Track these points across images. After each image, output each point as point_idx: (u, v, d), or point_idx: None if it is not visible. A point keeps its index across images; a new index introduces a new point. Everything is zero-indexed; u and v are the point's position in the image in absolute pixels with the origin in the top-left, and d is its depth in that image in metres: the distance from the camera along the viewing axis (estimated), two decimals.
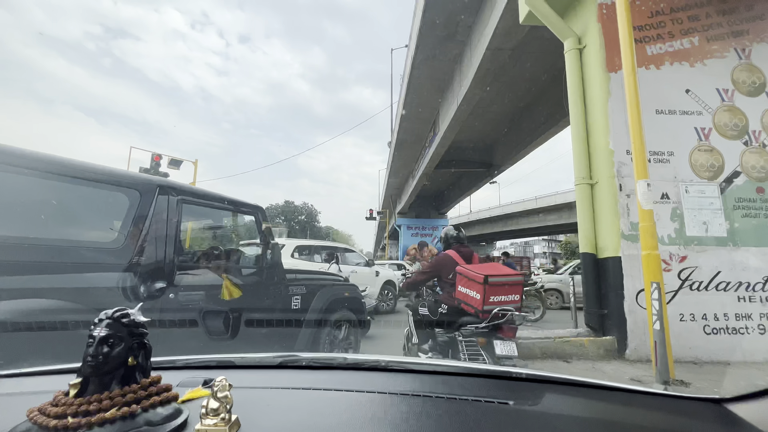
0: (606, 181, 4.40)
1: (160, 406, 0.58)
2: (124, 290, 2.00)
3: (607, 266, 4.33)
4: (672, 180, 4.39)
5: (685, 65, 4.64)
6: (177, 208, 2.31)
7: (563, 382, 0.82)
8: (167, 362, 0.95)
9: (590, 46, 4.72)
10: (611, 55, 4.49)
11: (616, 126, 4.36)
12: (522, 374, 0.86)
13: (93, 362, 0.55)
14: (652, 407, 0.73)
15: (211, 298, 2.43)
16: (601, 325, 4.30)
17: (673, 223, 4.29)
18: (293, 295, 3.05)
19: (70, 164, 2.03)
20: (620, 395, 0.79)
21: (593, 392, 0.81)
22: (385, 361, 0.95)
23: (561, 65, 5.20)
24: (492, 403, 0.70)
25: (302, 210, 49.69)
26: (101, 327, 0.57)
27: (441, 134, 13.60)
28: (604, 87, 4.49)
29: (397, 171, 22.77)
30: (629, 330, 4.01)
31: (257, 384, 0.81)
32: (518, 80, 11.78)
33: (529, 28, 7.00)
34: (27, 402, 0.57)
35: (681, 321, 3.99)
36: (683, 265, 4.17)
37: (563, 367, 3.79)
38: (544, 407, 0.69)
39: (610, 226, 4.31)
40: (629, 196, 4.26)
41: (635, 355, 3.94)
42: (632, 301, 4.05)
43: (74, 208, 2.18)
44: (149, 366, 0.62)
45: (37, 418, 0.52)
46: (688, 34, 4.71)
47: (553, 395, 0.76)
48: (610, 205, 4.33)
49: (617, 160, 4.35)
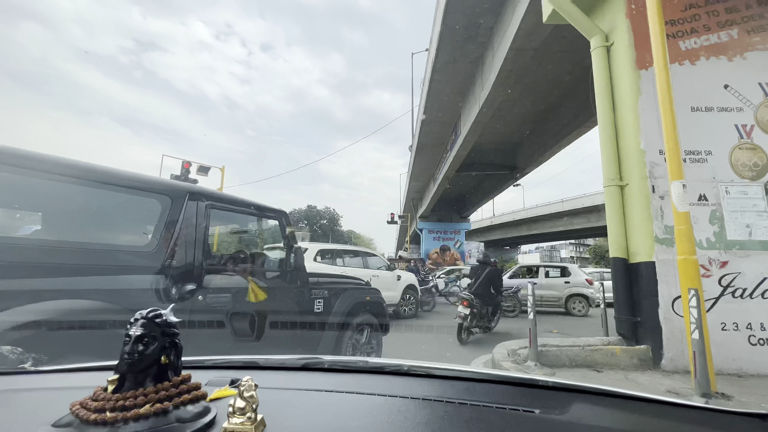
0: (637, 183, 4.21)
1: (190, 404, 0.60)
2: (157, 292, 2.09)
3: (639, 271, 4.13)
4: (710, 180, 4.15)
5: (722, 60, 4.40)
6: (205, 213, 2.40)
7: (593, 392, 0.79)
8: (196, 362, 0.98)
9: (618, 44, 4.56)
10: (641, 52, 4.31)
11: (647, 125, 4.18)
12: (549, 382, 0.83)
13: (129, 360, 0.58)
14: (691, 421, 0.69)
15: (238, 301, 2.49)
16: (633, 334, 4.10)
17: (713, 226, 4.05)
18: (316, 299, 3.08)
19: (108, 172, 2.15)
20: (656, 407, 0.74)
21: (626, 403, 0.76)
22: (407, 365, 0.94)
23: (587, 64, 5.04)
24: (517, 411, 0.68)
25: (324, 214, 50.36)
26: (137, 326, 0.60)
27: (462, 137, 13.47)
28: (634, 85, 4.31)
29: (418, 175, 22.70)
30: (665, 339, 3.80)
31: (281, 385, 0.82)
32: (542, 81, 11.52)
33: (552, 28, 6.84)
34: (69, 396, 0.60)
35: (723, 330, 3.75)
36: (724, 270, 3.92)
37: (593, 376, 3.63)
38: (573, 417, 0.67)
39: (643, 230, 4.12)
40: (663, 198, 4.06)
41: (672, 365, 3.73)
42: (668, 309, 3.85)
43: (112, 213, 2.31)
44: (180, 365, 0.64)
45: (79, 411, 0.55)
46: (726, 27, 4.46)
47: (582, 405, 0.73)
48: (643, 207, 4.14)
49: (649, 161, 4.16)
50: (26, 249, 1.86)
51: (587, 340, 4.19)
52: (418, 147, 18.22)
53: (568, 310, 9.94)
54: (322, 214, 50.22)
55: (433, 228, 28.86)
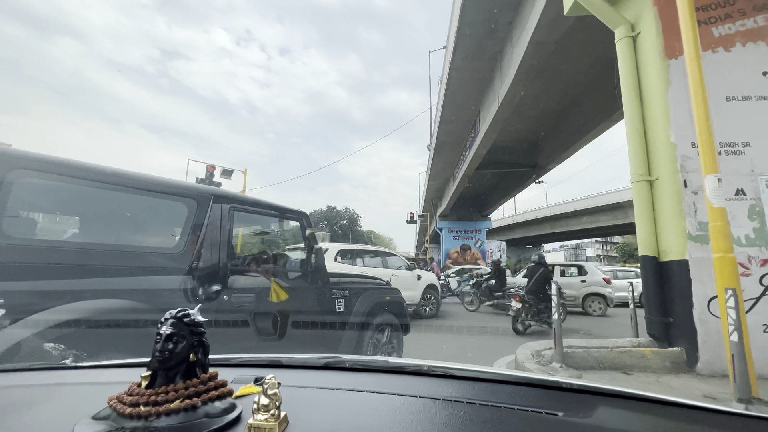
0: (668, 178, 4.03)
1: (217, 400, 0.62)
2: (185, 292, 2.17)
3: (671, 270, 3.95)
4: (748, 174, 3.92)
5: (761, 45, 4.14)
6: (229, 215, 2.47)
7: (620, 395, 0.76)
8: (222, 360, 1.01)
9: (645, 33, 4.37)
10: (670, 41, 4.12)
11: (678, 117, 3.99)
12: (573, 385, 0.81)
13: (160, 357, 0.61)
14: (729, 428, 0.66)
15: (261, 301, 2.56)
16: (666, 335, 3.92)
17: (752, 222, 3.82)
18: (337, 299, 3.12)
19: (138, 178, 2.25)
20: (690, 413, 0.70)
21: (657, 408, 0.73)
22: (427, 365, 0.94)
23: (611, 55, 4.86)
24: (539, 413, 0.67)
25: (344, 215, 50.78)
26: (167, 326, 0.63)
27: (482, 135, 13.26)
28: (663, 76, 4.12)
29: (437, 174, 22.53)
30: (700, 341, 3.62)
31: (303, 383, 0.84)
32: (563, 75, 11.19)
33: (574, 20, 6.64)
34: (107, 391, 0.64)
35: (765, 332, 3.53)
36: (766, 269, 3.69)
37: (622, 379, 3.50)
38: (598, 420, 0.65)
39: (674, 227, 3.93)
40: (696, 193, 3.86)
41: (708, 369, 3.55)
42: (703, 309, 3.66)
43: (142, 217, 2.42)
44: (207, 362, 0.67)
45: (116, 405, 0.59)
46: (764, 11, 4.20)
47: (609, 408, 0.70)
48: (674, 203, 3.95)
49: (680, 154, 3.97)
50: (66, 251, 1.98)
51: (616, 342, 4.04)
52: (437, 146, 18.07)
53: (585, 309, 9.75)
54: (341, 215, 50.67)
55: (453, 227, 28.54)
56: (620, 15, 4.60)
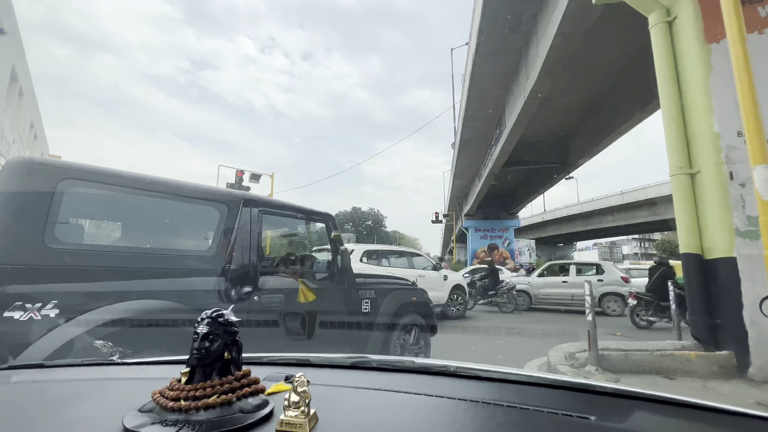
0: (712, 170, 3.77)
1: (251, 397, 0.65)
2: (219, 293, 2.27)
3: (716, 269, 3.70)
4: None
5: None
6: (258, 218, 2.56)
7: (659, 400, 0.72)
8: (254, 358, 1.05)
9: (682, 17, 4.12)
10: (711, 24, 3.86)
11: (721, 105, 3.73)
12: (606, 388, 0.78)
13: (198, 355, 0.65)
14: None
15: (289, 301, 2.63)
16: (712, 338, 3.67)
17: None
18: (363, 299, 3.15)
19: (174, 184, 2.38)
20: (740, 421, 0.66)
21: (700, 414, 0.68)
22: (454, 366, 0.94)
23: (644, 43, 4.62)
24: (570, 416, 0.65)
25: (369, 216, 51.07)
26: (203, 325, 0.67)
27: (508, 131, 12.95)
28: (704, 61, 3.87)
29: (462, 172, 22.21)
30: (752, 344, 3.36)
31: (331, 382, 0.86)
32: (593, 66, 10.73)
33: (602, 8, 6.36)
34: (150, 385, 0.68)
35: None
36: None
37: (665, 384, 3.32)
38: (633, 426, 0.62)
39: (720, 222, 3.68)
40: (744, 185, 3.59)
41: (762, 374, 3.29)
42: (754, 310, 3.39)
43: (178, 221, 2.55)
44: (241, 360, 0.70)
45: (159, 399, 0.63)
46: None
47: (646, 414, 0.67)
48: (719, 197, 3.70)
49: (725, 144, 3.71)
50: (111, 255, 2.12)
51: (657, 344, 3.84)
52: (461, 144, 17.83)
53: (603, 309, 9.49)
54: (366, 216, 50.99)
55: (479, 226, 28.03)
56: (654, 0, 4.37)
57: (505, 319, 8.95)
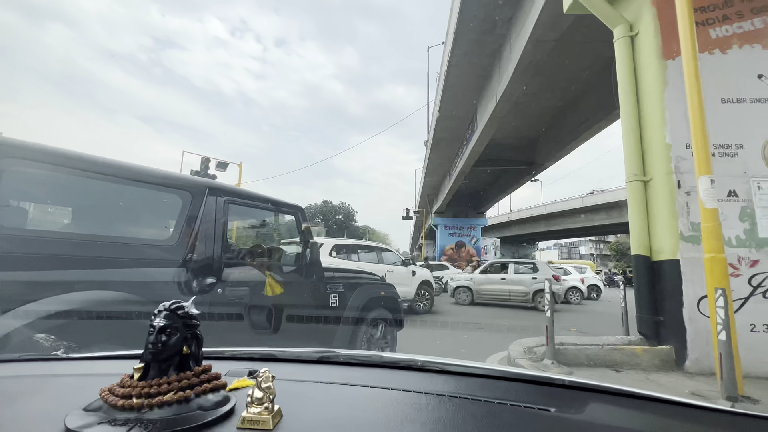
0: (662, 178, 4.06)
1: (210, 393, 0.62)
2: (179, 284, 2.16)
3: (662, 270, 4.00)
4: (741, 175, 3.96)
5: (756, 48, 4.17)
6: (224, 208, 2.46)
7: (611, 392, 0.77)
8: (216, 353, 1.01)
9: (643, 33, 4.38)
10: (668, 41, 4.13)
11: (674, 118, 4.01)
12: (565, 381, 0.82)
13: (153, 349, 0.61)
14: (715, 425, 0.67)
15: (255, 294, 2.55)
16: (656, 333, 3.98)
17: (743, 224, 3.87)
18: (331, 293, 3.12)
19: (132, 169, 2.23)
20: (678, 410, 0.72)
21: (646, 404, 0.74)
22: (421, 360, 0.95)
23: (609, 55, 4.87)
24: (531, 408, 0.68)
25: (340, 209, 50.71)
26: (160, 317, 0.63)
27: (479, 132, 13.26)
28: (660, 76, 4.14)
29: (434, 170, 22.53)
30: (689, 340, 3.67)
31: (297, 377, 0.84)
32: (562, 73, 11.20)
33: (574, 17, 6.63)
34: (98, 382, 0.63)
35: (752, 332, 3.60)
36: (755, 270, 3.75)
37: (612, 376, 3.55)
38: (588, 416, 0.66)
39: (667, 227, 3.97)
40: (689, 193, 3.90)
41: (696, 367, 3.61)
42: (693, 309, 3.71)
43: (136, 208, 2.39)
44: (201, 355, 0.67)
45: (108, 397, 0.58)
46: (761, 13, 4.22)
47: (599, 405, 0.72)
48: (667, 203, 3.99)
49: (675, 155, 4.00)
50: (58, 242, 1.96)
51: (607, 339, 4.10)
52: (434, 142, 18.06)
53: (536, 305, 10.28)
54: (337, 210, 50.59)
55: (448, 224, 28.64)
56: (619, 14, 4.61)
57: (470, 314, 9.22)
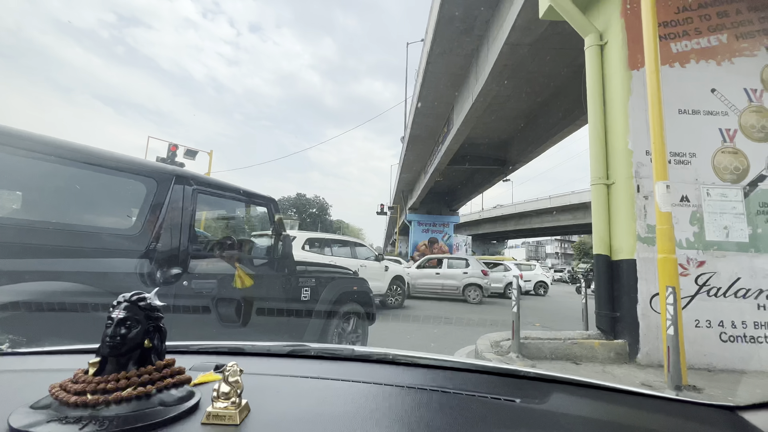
0: (623, 182, 4.30)
1: (173, 388, 0.59)
2: (141, 275, 2.06)
3: (621, 268, 4.24)
4: (693, 182, 4.26)
5: (711, 63, 4.48)
6: (192, 197, 2.36)
7: (571, 383, 0.82)
8: (181, 347, 0.97)
9: (612, 43, 4.59)
10: (634, 52, 4.35)
11: (636, 125, 4.25)
12: (530, 373, 0.86)
13: (111, 343, 0.57)
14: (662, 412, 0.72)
15: (224, 286, 2.48)
16: (612, 328, 4.23)
17: (693, 227, 4.17)
18: (303, 287, 3.08)
19: (90, 152, 2.09)
20: (630, 398, 0.78)
21: (602, 394, 0.80)
22: (392, 354, 0.96)
23: (581, 62, 5.07)
24: (498, 399, 0.70)
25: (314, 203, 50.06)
26: (119, 309, 0.59)
27: (455, 130, 13.46)
28: (626, 85, 4.36)
29: (410, 166, 22.68)
30: (642, 334, 3.93)
31: (267, 371, 0.82)
32: (536, 76, 11.55)
33: (549, 23, 6.83)
34: (49, 378, 0.59)
35: (696, 327, 3.90)
36: (701, 270, 4.06)
37: (572, 368, 3.75)
38: (551, 406, 0.69)
39: (626, 228, 4.22)
40: (647, 197, 4.15)
41: (647, 359, 3.87)
42: (646, 305, 3.97)
43: (94, 194, 2.25)
44: (164, 349, 0.64)
45: (58, 393, 0.54)
46: (717, 31, 4.53)
47: (561, 395, 0.75)
48: (627, 206, 4.23)
49: (636, 161, 4.24)
50: (5, 229, 1.80)
51: (568, 334, 4.31)
52: (410, 139, 18.15)
53: (465, 298, 10.94)
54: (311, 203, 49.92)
55: (422, 220, 28.98)
56: (590, 23, 4.80)
57: (440, 309, 9.40)
